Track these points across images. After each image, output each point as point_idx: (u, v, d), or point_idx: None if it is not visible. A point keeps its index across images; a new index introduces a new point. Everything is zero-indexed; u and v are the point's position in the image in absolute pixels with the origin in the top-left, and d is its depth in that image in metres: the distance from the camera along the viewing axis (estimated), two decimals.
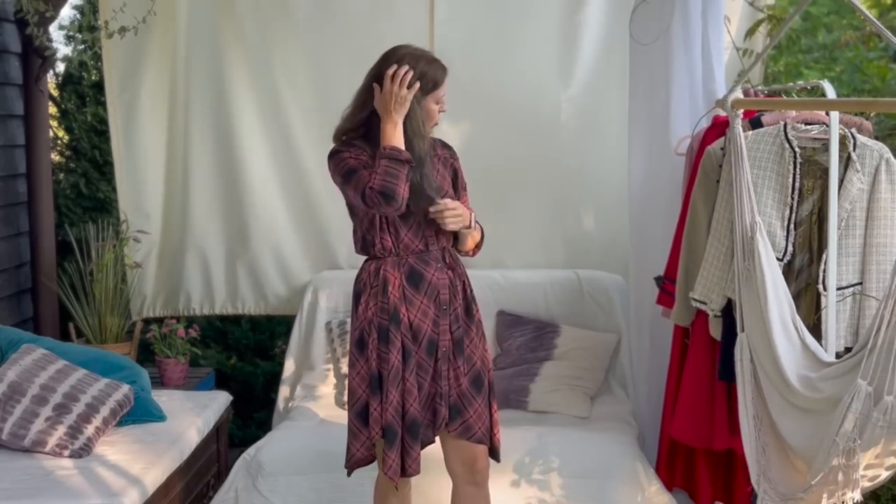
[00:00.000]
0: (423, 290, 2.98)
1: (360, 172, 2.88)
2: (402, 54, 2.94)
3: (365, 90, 2.98)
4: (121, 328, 4.71)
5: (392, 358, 2.91)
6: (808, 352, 2.68)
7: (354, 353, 3.00)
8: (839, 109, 3.10)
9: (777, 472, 2.76)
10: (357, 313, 3.01)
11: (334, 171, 2.97)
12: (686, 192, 3.63)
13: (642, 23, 3.90)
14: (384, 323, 2.93)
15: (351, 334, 3.03)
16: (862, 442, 2.34)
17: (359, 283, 3.03)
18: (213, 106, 4.68)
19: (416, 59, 2.93)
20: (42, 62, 4.83)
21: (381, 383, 2.92)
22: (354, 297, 3.04)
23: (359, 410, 2.98)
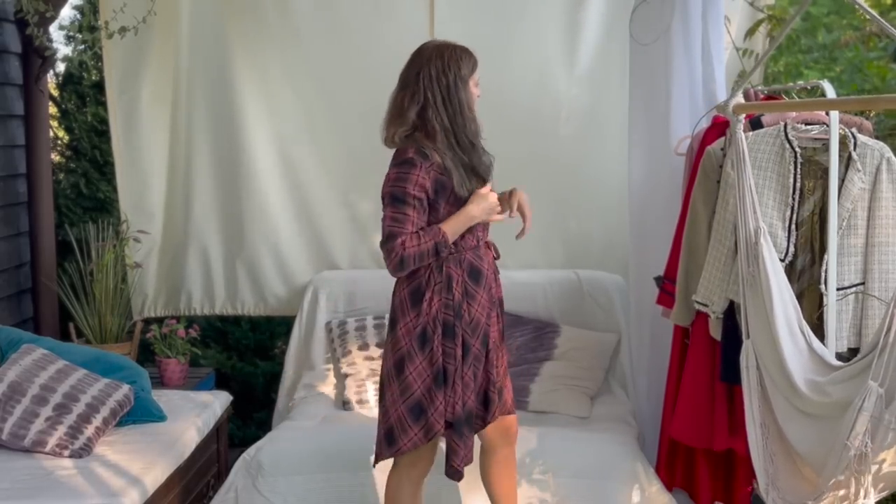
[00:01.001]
0: (482, 284, 3.10)
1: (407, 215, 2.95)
2: (437, 46, 3.08)
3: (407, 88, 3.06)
4: (121, 328, 4.70)
5: (458, 353, 3.02)
6: (816, 356, 2.67)
7: (413, 349, 3.02)
8: (839, 109, 3.10)
9: (785, 480, 2.74)
10: (420, 310, 3.03)
11: (395, 178, 2.99)
12: (686, 193, 3.64)
13: (642, 23, 3.90)
14: (449, 319, 3.03)
15: (407, 331, 3.04)
16: (873, 445, 2.33)
17: (418, 280, 3.05)
18: (214, 106, 4.68)
19: (453, 50, 3.07)
20: (42, 62, 4.83)
21: (447, 378, 3.02)
22: (413, 295, 3.05)
23: (412, 405, 3.03)
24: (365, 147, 4.70)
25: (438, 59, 3.03)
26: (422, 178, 2.97)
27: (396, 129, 3.06)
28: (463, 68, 3.05)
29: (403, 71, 3.11)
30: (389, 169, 3.04)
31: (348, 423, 3.98)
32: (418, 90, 3.03)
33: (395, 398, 3.05)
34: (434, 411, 3.02)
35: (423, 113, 3.03)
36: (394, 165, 3.03)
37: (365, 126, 4.66)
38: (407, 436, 3.04)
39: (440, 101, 3.02)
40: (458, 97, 3.03)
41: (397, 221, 2.96)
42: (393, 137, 3.07)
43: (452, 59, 3.04)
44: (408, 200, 2.96)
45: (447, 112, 3.02)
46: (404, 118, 3.04)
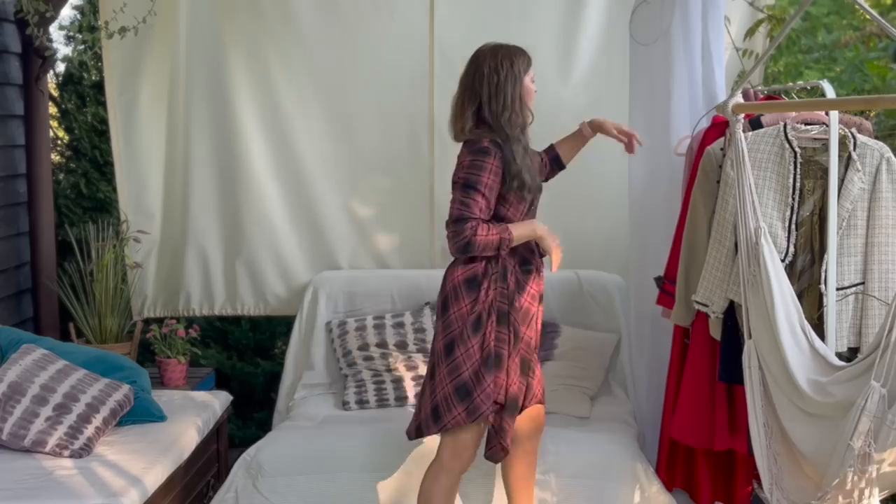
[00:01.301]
0: (531, 275, 3.28)
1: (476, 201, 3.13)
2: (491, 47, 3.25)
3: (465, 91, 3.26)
4: (121, 328, 4.70)
5: (511, 338, 3.20)
6: (818, 356, 2.67)
7: (467, 333, 3.17)
8: (839, 109, 3.10)
9: (789, 480, 2.74)
10: (475, 297, 3.19)
11: (469, 165, 3.17)
12: (686, 193, 3.64)
13: (642, 23, 3.90)
14: (503, 307, 3.20)
15: (460, 315, 3.19)
16: (876, 445, 2.33)
17: (474, 269, 3.22)
18: (213, 106, 4.67)
19: (507, 49, 3.25)
20: (42, 62, 4.83)
21: (500, 362, 3.18)
22: (468, 282, 3.21)
23: (458, 385, 3.17)
24: (365, 147, 4.73)
25: (492, 59, 3.22)
26: (496, 166, 3.15)
27: (463, 124, 3.26)
28: (515, 65, 3.21)
29: (462, 74, 3.30)
30: (463, 156, 3.21)
31: (348, 424, 3.98)
32: (474, 90, 3.24)
33: (444, 377, 3.19)
34: (481, 393, 3.16)
35: (478, 112, 3.23)
36: (469, 153, 3.19)
37: (365, 126, 4.70)
38: (451, 414, 3.17)
39: (490, 98, 3.20)
40: (506, 92, 3.19)
41: (466, 206, 3.13)
42: (463, 130, 3.26)
43: (505, 57, 3.22)
44: (479, 188, 3.13)
45: (496, 107, 3.19)
46: (465, 116, 3.25)
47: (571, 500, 3.61)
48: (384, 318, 4.42)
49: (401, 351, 4.33)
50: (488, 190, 3.14)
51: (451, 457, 3.25)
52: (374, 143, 4.71)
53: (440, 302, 3.29)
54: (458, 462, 3.26)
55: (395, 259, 4.80)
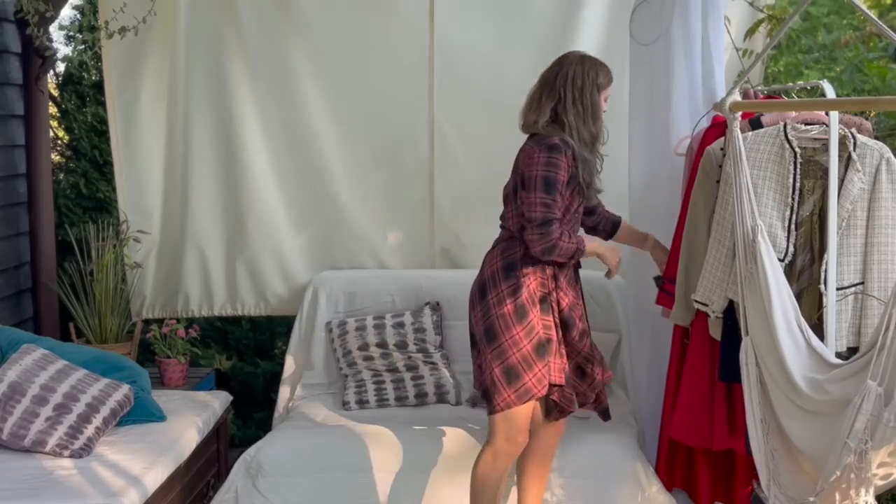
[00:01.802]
0: (567, 266, 3.37)
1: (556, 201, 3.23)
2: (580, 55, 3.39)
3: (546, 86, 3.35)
4: (121, 328, 4.70)
5: (556, 323, 3.32)
6: (815, 354, 2.67)
7: (512, 320, 3.27)
8: (839, 109, 3.10)
9: (787, 476, 2.75)
10: (514, 283, 3.29)
11: (546, 163, 3.24)
12: (686, 193, 3.64)
13: (642, 23, 3.90)
14: (545, 294, 3.32)
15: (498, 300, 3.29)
16: (873, 443, 2.33)
17: (513, 257, 3.32)
18: (213, 106, 4.67)
19: (594, 62, 3.37)
20: (42, 62, 4.83)
21: (550, 346, 3.30)
22: (506, 269, 3.31)
23: (506, 369, 3.26)
24: (365, 146, 4.73)
25: (579, 65, 3.34)
26: (568, 164, 3.26)
27: (537, 116, 3.34)
28: (600, 77, 3.35)
29: (545, 71, 3.39)
30: (533, 151, 3.27)
31: (348, 424, 3.98)
32: (555, 88, 3.33)
33: (490, 362, 3.29)
34: (532, 377, 3.26)
35: (556, 107, 3.32)
36: (542, 150, 3.26)
37: (365, 125, 4.70)
38: (501, 396, 3.26)
39: (572, 100, 3.31)
40: (589, 99, 3.32)
41: (549, 207, 3.22)
42: (536, 122, 3.33)
43: (591, 68, 3.34)
44: (557, 187, 3.24)
45: (577, 110, 3.31)
46: (542, 110, 3.33)
47: (571, 500, 3.61)
48: (384, 318, 4.42)
49: (401, 351, 4.33)
50: (564, 188, 3.26)
51: (505, 440, 3.33)
52: (374, 143, 4.71)
53: (477, 288, 3.39)
54: (513, 445, 3.35)
55: (395, 259, 4.80)
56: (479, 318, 3.35)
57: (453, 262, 4.76)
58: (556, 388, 3.34)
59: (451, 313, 4.43)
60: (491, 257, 3.39)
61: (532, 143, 3.33)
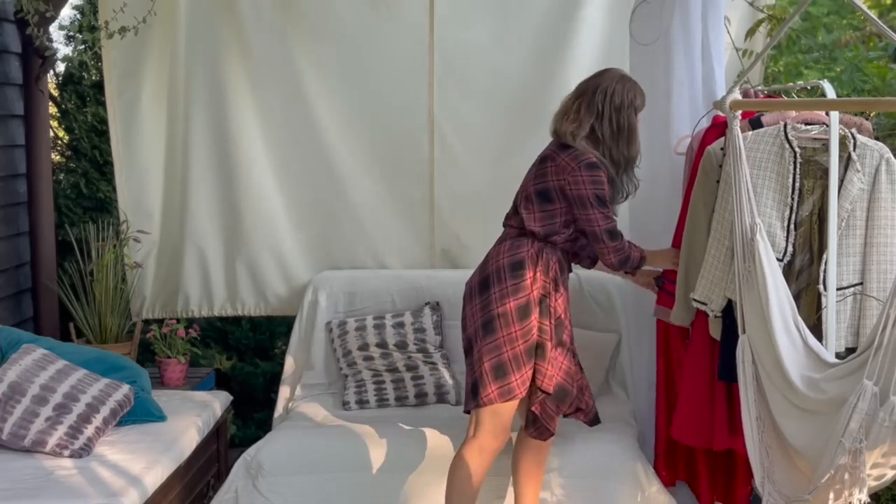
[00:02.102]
0: (566, 273, 3.46)
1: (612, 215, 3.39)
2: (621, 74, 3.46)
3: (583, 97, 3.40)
4: (121, 328, 4.70)
5: (551, 329, 3.33)
6: (811, 353, 2.68)
7: (512, 317, 3.29)
8: (839, 109, 3.10)
9: (781, 474, 2.75)
10: (518, 282, 3.32)
11: (592, 182, 3.32)
12: (686, 192, 3.64)
13: (642, 23, 3.90)
14: (545, 298, 3.33)
15: (500, 296, 3.32)
16: (868, 442, 2.34)
17: (521, 255, 3.36)
18: (213, 106, 4.67)
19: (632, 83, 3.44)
20: (42, 62, 4.83)
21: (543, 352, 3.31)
22: (512, 266, 3.34)
23: (495, 365, 3.29)
24: (365, 146, 4.72)
25: (620, 83, 3.39)
26: (606, 179, 3.35)
27: (575, 128, 3.36)
28: (637, 98, 3.40)
29: (583, 82, 3.44)
30: (574, 169, 3.32)
31: (348, 424, 3.98)
32: (594, 102, 3.37)
33: (482, 355, 3.32)
34: (518, 377, 3.28)
35: (594, 123, 3.36)
36: (582, 168, 3.32)
37: (364, 125, 4.70)
38: (485, 391, 3.29)
39: (608, 118, 3.35)
40: (627, 119, 3.37)
41: (611, 220, 3.36)
42: (574, 134, 3.36)
43: (631, 89, 3.40)
44: (607, 200, 3.36)
45: (612, 129, 3.36)
46: (581, 123, 3.36)
47: (571, 500, 3.61)
48: (384, 318, 4.42)
49: (401, 351, 4.33)
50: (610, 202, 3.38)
51: (490, 436, 3.35)
52: (373, 143, 4.71)
53: (479, 281, 3.40)
54: (497, 441, 3.37)
55: (395, 259, 4.80)
56: (476, 310, 3.36)
57: (453, 262, 4.76)
58: (540, 399, 3.34)
59: (451, 313, 4.43)
60: (497, 253, 3.41)
61: (568, 158, 3.34)
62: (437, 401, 4.25)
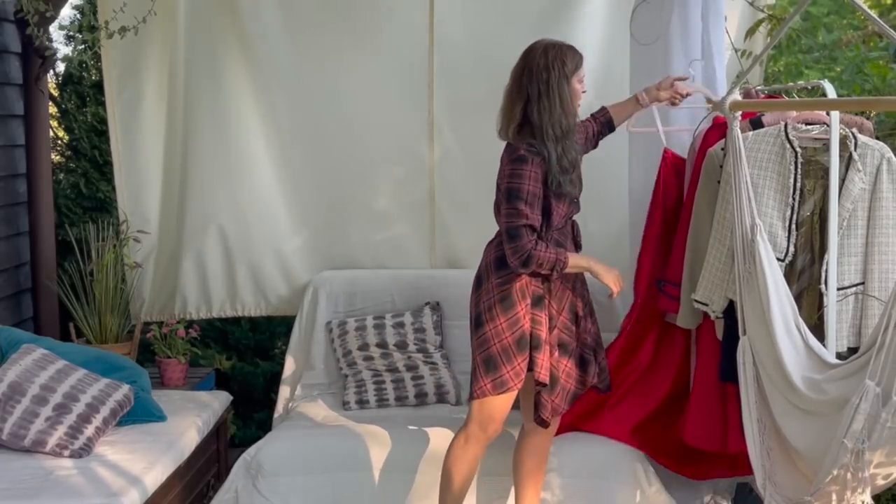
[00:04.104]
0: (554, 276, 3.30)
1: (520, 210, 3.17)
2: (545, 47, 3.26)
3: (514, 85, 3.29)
4: (121, 328, 4.70)
5: (546, 321, 3.27)
6: (812, 353, 2.67)
7: (496, 311, 3.27)
8: (839, 109, 3.09)
9: (783, 475, 2.75)
10: (504, 276, 3.28)
11: (509, 174, 3.22)
12: (687, 194, 3.63)
13: (642, 22, 3.90)
14: (538, 290, 3.28)
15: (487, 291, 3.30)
16: (870, 443, 2.33)
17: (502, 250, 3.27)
18: (213, 106, 4.66)
19: (558, 48, 3.25)
20: (42, 62, 4.83)
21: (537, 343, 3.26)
22: (497, 261, 3.30)
23: (485, 359, 3.29)
24: (365, 146, 4.72)
25: (542, 56, 3.23)
26: (535, 172, 3.19)
27: (508, 123, 3.28)
28: (567, 65, 3.23)
29: (513, 69, 3.32)
30: (504, 162, 3.26)
31: (348, 424, 3.98)
32: (522, 86, 3.25)
33: (474, 349, 3.34)
34: (510, 370, 3.26)
35: (526, 107, 3.25)
36: (509, 161, 3.24)
37: (365, 125, 4.70)
38: (478, 384, 3.30)
39: (537, 96, 3.22)
40: (557, 92, 3.21)
41: (512, 217, 3.19)
42: (507, 131, 3.29)
43: (557, 57, 3.22)
44: (522, 196, 3.17)
45: (544, 105, 3.21)
46: (512, 113, 3.27)
47: (571, 500, 3.61)
48: (384, 318, 4.41)
49: (401, 351, 4.33)
50: (531, 197, 3.18)
51: (478, 427, 3.36)
52: (373, 143, 4.70)
53: (475, 278, 3.41)
54: (484, 433, 3.37)
55: (395, 259, 4.80)
56: (471, 306, 3.38)
57: (453, 263, 4.76)
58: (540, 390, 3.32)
59: (451, 313, 4.42)
60: (488, 249, 3.40)
61: (504, 154, 3.29)
62: (437, 401, 4.25)
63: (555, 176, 3.20)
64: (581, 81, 3.29)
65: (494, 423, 3.36)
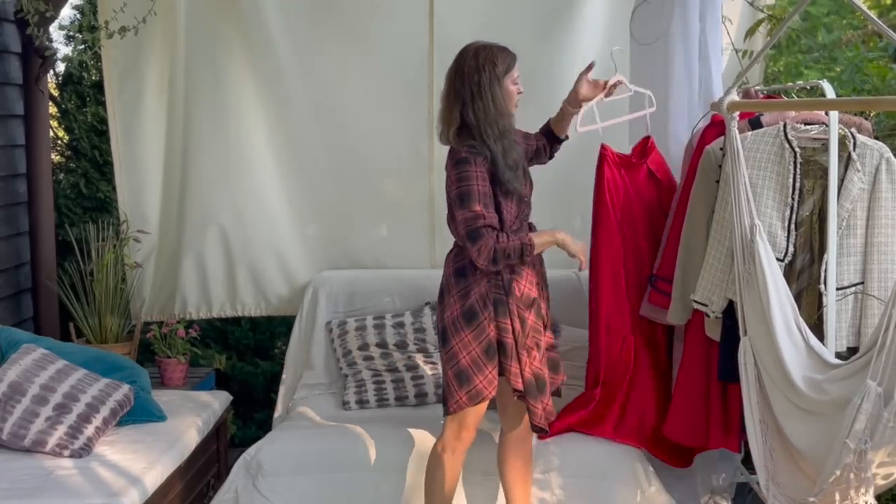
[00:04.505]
0: (526, 261, 3.29)
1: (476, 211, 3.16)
2: (476, 49, 3.28)
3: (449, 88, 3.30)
4: (121, 328, 4.70)
5: (514, 326, 3.26)
6: (813, 354, 2.67)
7: (459, 323, 3.27)
8: (839, 109, 3.10)
9: (785, 476, 2.75)
10: (465, 288, 3.28)
11: (457, 179, 3.22)
12: (683, 191, 3.63)
13: (642, 23, 3.90)
14: (500, 296, 3.26)
15: (449, 305, 3.31)
16: (872, 443, 2.34)
17: (463, 261, 3.30)
18: (213, 106, 4.66)
19: (489, 49, 3.27)
20: (42, 62, 4.83)
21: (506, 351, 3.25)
22: (457, 273, 3.31)
23: (457, 373, 3.28)
24: (365, 146, 4.72)
25: (473, 58, 3.25)
26: (481, 172, 3.19)
27: (447, 127, 3.29)
28: (498, 66, 3.24)
29: (447, 72, 3.34)
30: (449, 168, 3.26)
31: (348, 424, 3.98)
32: (456, 89, 3.27)
33: (444, 364, 3.34)
34: (483, 379, 3.26)
35: (462, 110, 3.25)
36: (453, 166, 3.24)
37: (365, 125, 4.70)
38: (453, 398, 3.30)
39: (472, 98, 3.23)
40: (489, 93, 3.22)
41: (469, 220, 3.17)
42: (447, 135, 3.29)
43: (487, 59, 3.24)
44: (474, 197, 3.17)
45: (478, 107, 3.22)
46: (450, 117, 3.28)
47: (571, 500, 3.61)
48: (384, 318, 4.42)
49: (401, 351, 4.33)
50: (484, 197, 3.18)
51: (453, 437, 3.38)
52: (374, 143, 4.71)
53: (439, 292, 3.41)
54: (460, 442, 3.39)
55: (395, 259, 4.80)
56: (438, 321, 3.39)
57: None
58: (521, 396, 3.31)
59: None
60: (447, 262, 3.39)
61: (448, 160, 3.27)
62: (437, 401, 4.24)
63: (501, 172, 3.20)
64: (515, 83, 3.30)
65: (468, 430, 3.39)
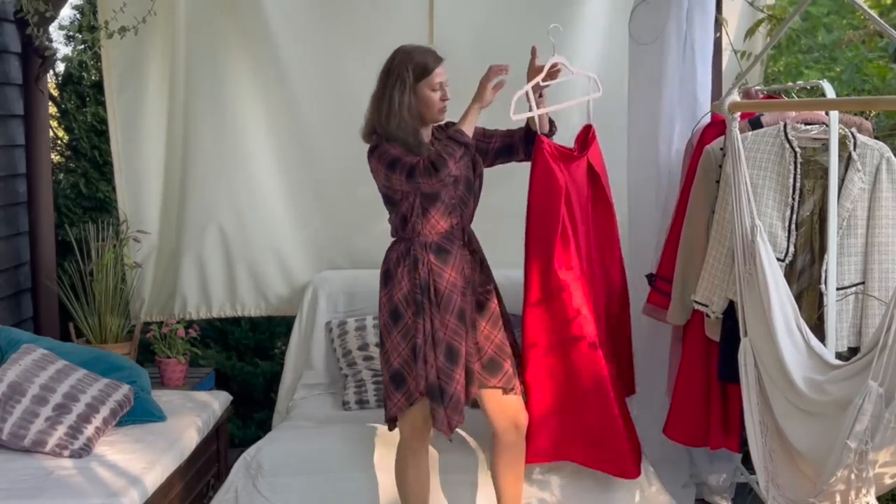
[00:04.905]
0: (450, 263, 3.29)
1: (404, 158, 3.19)
2: (397, 51, 3.29)
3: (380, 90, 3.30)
4: (121, 328, 4.70)
5: (424, 328, 3.24)
6: (814, 354, 2.67)
7: (389, 324, 3.31)
8: (839, 109, 3.10)
9: (785, 477, 2.75)
10: (390, 288, 3.31)
11: (378, 160, 3.26)
12: (683, 191, 3.63)
13: (641, 22, 3.90)
14: (418, 297, 3.25)
15: (380, 307, 3.35)
16: (873, 444, 2.34)
17: (388, 263, 3.34)
18: (213, 106, 4.67)
19: (407, 53, 3.26)
20: (42, 62, 4.83)
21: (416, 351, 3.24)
22: (385, 275, 3.34)
23: (392, 375, 3.31)
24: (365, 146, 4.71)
25: (390, 61, 3.28)
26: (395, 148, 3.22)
27: (364, 126, 3.36)
28: (410, 71, 3.22)
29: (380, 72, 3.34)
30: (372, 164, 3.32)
31: (348, 424, 3.98)
32: (375, 89, 3.32)
33: (382, 367, 3.38)
34: (415, 378, 3.27)
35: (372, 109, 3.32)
36: (372, 157, 3.30)
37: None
38: (392, 401, 3.32)
39: (379, 100, 3.28)
40: (389, 99, 3.23)
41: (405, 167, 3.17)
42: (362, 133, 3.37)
43: (402, 63, 3.25)
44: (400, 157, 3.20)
45: (380, 113, 3.27)
46: (368, 116, 3.34)
47: (571, 500, 3.61)
48: None
49: None
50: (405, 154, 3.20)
51: (410, 435, 3.39)
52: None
53: None
54: (418, 437, 3.39)
55: None
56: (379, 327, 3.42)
57: None
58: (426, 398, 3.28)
59: None
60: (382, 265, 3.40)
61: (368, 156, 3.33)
62: None
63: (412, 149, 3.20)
64: (435, 88, 3.26)
65: (421, 428, 3.38)
